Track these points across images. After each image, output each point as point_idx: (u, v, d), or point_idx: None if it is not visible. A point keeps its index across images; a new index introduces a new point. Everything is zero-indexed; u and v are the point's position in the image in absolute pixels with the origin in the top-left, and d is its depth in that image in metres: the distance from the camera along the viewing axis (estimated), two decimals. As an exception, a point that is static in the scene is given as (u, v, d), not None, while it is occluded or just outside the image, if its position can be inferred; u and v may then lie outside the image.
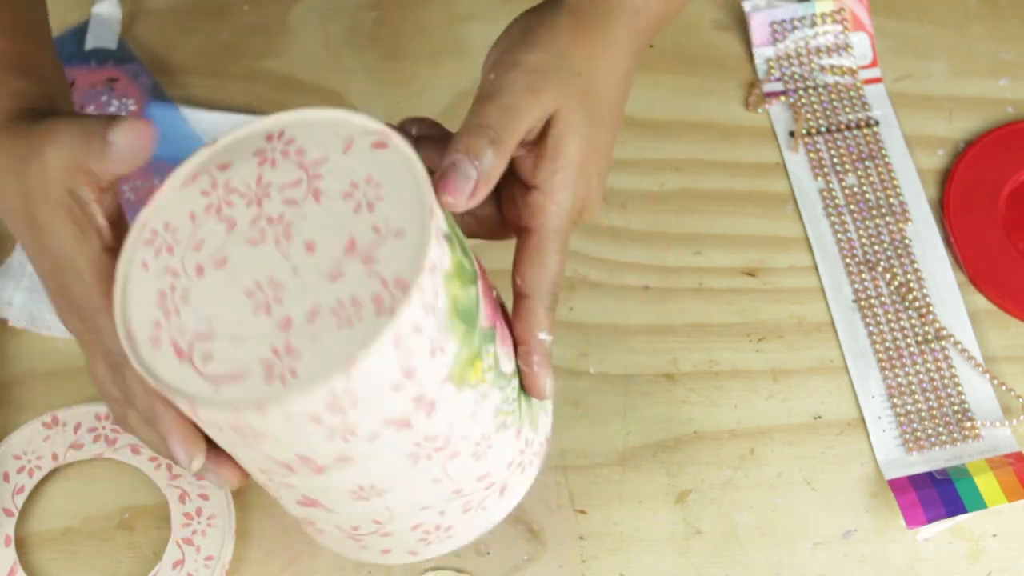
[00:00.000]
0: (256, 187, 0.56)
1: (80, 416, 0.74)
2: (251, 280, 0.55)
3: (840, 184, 0.84)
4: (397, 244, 0.54)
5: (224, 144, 0.57)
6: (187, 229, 0.56)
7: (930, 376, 0.78)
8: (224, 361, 0.54)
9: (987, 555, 0.73)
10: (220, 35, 0.88)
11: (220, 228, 0.56)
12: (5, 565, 0.70)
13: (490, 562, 0.72)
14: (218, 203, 0.56)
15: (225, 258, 0.55)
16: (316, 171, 0.56)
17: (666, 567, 0.72)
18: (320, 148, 0.56)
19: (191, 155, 0.58)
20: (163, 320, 0.56)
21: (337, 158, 0.56)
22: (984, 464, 0.74)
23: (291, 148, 0.56)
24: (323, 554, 0.72)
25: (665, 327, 0.79)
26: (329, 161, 0.56)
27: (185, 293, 0.56)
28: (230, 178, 0.56)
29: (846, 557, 0.73)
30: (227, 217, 0.56)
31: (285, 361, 0.53)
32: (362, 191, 0.55)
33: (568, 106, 0.59)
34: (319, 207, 0.55)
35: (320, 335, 0.53)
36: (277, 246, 0.55)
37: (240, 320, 0.55)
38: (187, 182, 0.57)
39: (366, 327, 0.52)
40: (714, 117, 0.86)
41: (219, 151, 0.57)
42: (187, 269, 0.56)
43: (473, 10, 0.89)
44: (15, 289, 0.78)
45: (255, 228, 0.56)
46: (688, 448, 0.75)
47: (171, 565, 0.70)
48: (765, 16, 0.88)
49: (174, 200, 0.57)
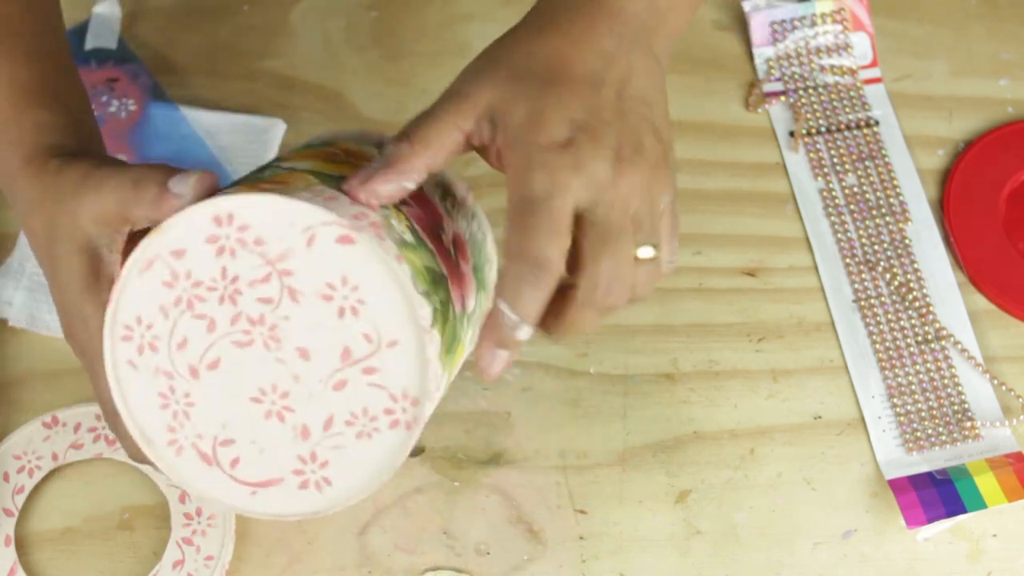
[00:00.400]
0: (223, 281, 0.55)
1: (80, 416, 0.74)
2: (253, 386, 0.56)
3: (840, 184, 0.84)
4: (395, 355, 0.54)
5: (171, 227, 0.55)
6: (162, 324, 0.56)
7: (930, 376, 0.78)
8: (253, 466, 0.56)
9: (987, 555, 0.73)
10: (220, 35, 0.88)
11: (199, 326, 0.55)
12: (5, 565, 0.70)
13: (490, 562, 0.72)
14: (187, 297, 0.55)
15: (217, 361, 0.55)
16: (283, 267, 0.54)
17: (666, 567, 0.72)
18: (280, 240, 0.54)
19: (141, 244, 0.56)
20: (175, 424, 0.57)
21: (302, 253, 0.54)
22: (984, 464, 0.74)
23: (247, 236, 0.54)
24: (323, 554, 0.72)
25: (665, 327, 0.79)
26: (294, 256, 0.54)
27: (188, 396, 0.56)
28: (190, 269, 0.55)
29: (846, 557, 0.73)
30: (202, 314, 0.55)
31: (316, 471, 0.56)
32: (341, 294, 0.54)
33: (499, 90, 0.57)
34: (300, 308, 0.54)
35: (342, 445, 0.55)
36: (268, 351, 0.55)
37: (256, 426, 0.56)
38: (144, 269, 0.55)
39: (385, 439, 0.55)
40: (714, 117, 0.86)
41: (167, 234, 0.55)
42: (179, 370, 0.56)
43: (473, 10, 0.89)
44: (15, 289, 0.78)
45: (238, 329, 0.55)
46: (688, 448, 0.75)
47: (171, 565, 0.70)
48: (765, 16, 0.88)
49: (138, 291, 0.56)
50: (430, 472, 0.74)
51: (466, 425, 0.76)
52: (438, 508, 0.73)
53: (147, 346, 0.56)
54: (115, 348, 0.56)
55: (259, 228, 0.54)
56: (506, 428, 0.75)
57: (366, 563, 0.72)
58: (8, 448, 0.73)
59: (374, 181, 0.56)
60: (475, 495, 0.74)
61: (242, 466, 0.56)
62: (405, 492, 0.74)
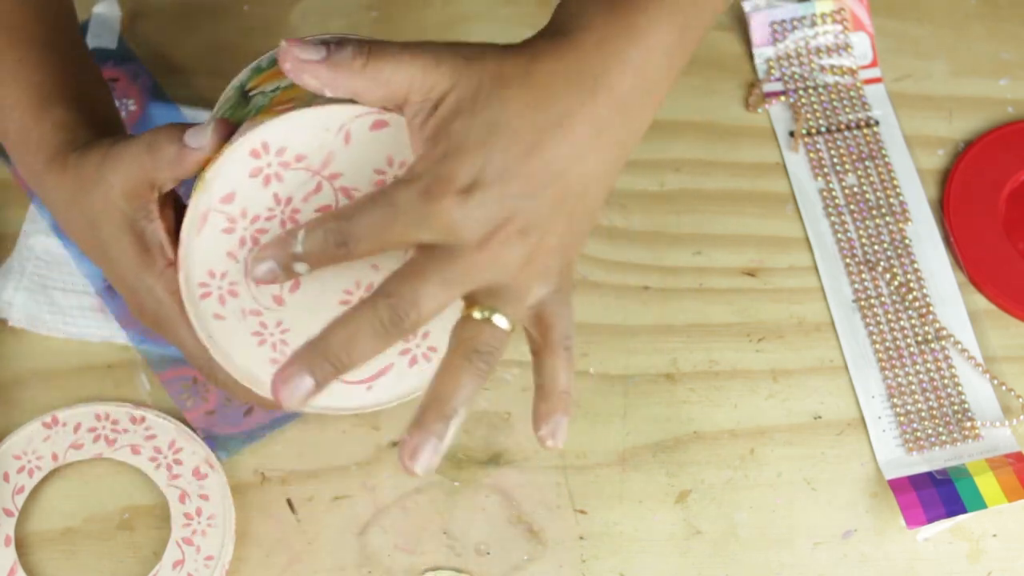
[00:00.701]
0: (279, 207, 0.56)
1: (80, 416, 0.74)
2: (338, 290, 0.57)
3: (840, 184, 0.84)
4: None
5: (211, 177, 0.56)
6: (236, 269, 0.57)
7: (930, 376, 0.78)
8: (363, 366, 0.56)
9: (987, 555, 0.73)
10: (220, 35, 0.88)
11: None
12: (5, 565, 0.70)
13: (490, 562, 0.72)
14: (251, 235, 0.56)
15: (297, 281, 0.57)
16: (329, 171, 0.55)
17: (666, 567, 0.72)
18: (320, 149, 0.55)
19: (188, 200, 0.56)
20: (277, 356, 0.58)
21: (343, 152, 0.55)
22: (984, 464, 0.74)
23: (287, 157, 0.55)
24: (323, 554, 0.72)
25: (665, 327, 0.79)
26: (336, 158, 0.55)
27: (280, 325, 0.58)
28: (244, 208, 0.56)
29: (846, 557, 0.73)
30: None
31: (420, 344, 0.58)
32: (392, 174, 0.55)
33: (459, 95, 0.55)
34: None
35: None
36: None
37: None
38: (201, 226, 0.57)
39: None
40: (714, 117, 0.86)
41: (210, 185, 0.56)
42: (265, 304, 0.57)
43: (473, 10, 0.89)
44: (15, 289, 0.78)
45: None
46: (688, 448, 0.75)
47: (171, 565, 0.70)
48: (765, 16, 0.88)
49: (202, 248, 0.57)
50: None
51: (466, 425, 0.75)
52: (438, 508, 0.73)
53: (227, 294, 0.57)
54: (198, 308, 0.57)
55: (296, 145, 0.55)
56: (506, 428, 0.75)
57: (366, 563, 0.72)
58: (8, 448, 0.73)
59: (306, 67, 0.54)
60: (475, 495, 0.74)
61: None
62: (405, 492, 0.74)
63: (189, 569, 0.70)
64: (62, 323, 0.77)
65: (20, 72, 0.65)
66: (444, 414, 0.55)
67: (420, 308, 0.54)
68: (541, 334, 0.59)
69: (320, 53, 0.54)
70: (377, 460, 0.74)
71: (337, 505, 0.73)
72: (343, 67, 0.54)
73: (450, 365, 0.55)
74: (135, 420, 0.74)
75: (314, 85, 0.54)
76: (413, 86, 0.55)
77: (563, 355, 0.59)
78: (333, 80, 0.54)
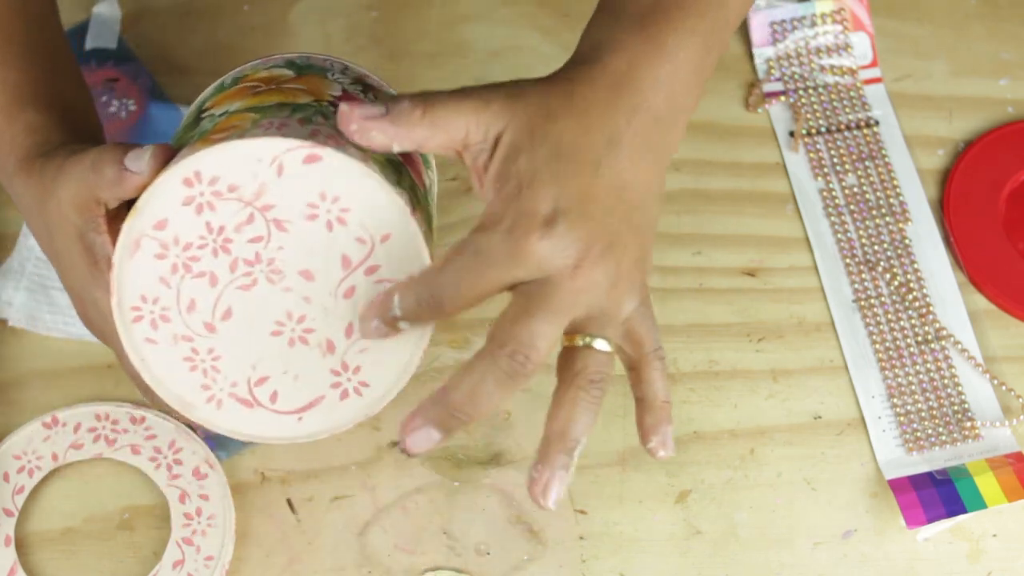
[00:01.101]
0: (211, 236, 0.56)
1: (80, 416, 0.74)
2: (270, 321, 0.57)
3: (840, 184, 0.84)
4: (389, 248, 0.56)
5: (143, 203, 0.56)
6: (168, 294, 0.57)
7: (930, 376, 0.78)
8: (292, 394, 0.58)
9: (987, 555, 0.73)
10: (220, 35, 0.88)
11: (202, 284, 0.57)
12: (5, 565, 0.70)
13: (490, 562, 0.72)
14: (182, 262, 0.57)
15: (228, 310, 0.57)
16: (262, 203, 0.56)
17: (666, 567, 0.72)
18: (252, 180, 0.55)
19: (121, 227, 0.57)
20: (208, 382, 0.59)
21: (276, 184, 0.55)
22: (984, 464, 0.74)
23: (220, 187, 0.56)
24: (323, 554, 0.72)
25: (665, 327, 0.79)
26: (269, 189, 0.56)
27: (212, 351, 0.58)
28: (176, 235, 0.56)
29: (846, 557, 0.73)
30: (201, 272, 0.57)
31: (351, 378, 0.58)
32: (324, 208, 0.56)
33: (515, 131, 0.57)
34: (290, 235, 0.56)
35: (367, 347, 0.57)
36: (273, 284, 0.57)
37: (284, 356, 0.58)
38: (133, 251, 0.57)
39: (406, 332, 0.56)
40: (714, 117, 0.86)
41: (143, 211, 0.56)
42: (196, 331, 0.58)
43: (473, 10, 0.89)
44: (15, 289, 0.78)
45: (239, 275, 0.57)
46: (688, 448, 0.75)
47: (171, 565, 0.70)
48: (765, 16, 0.88)
49: (134, 272, 0.57)
50: (430, 472, 0.74)
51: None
52: (438, 508, 0.73)
53: (159, 319, 0.57)
54: (130, 331, 0.58)
55: (228, 176, 0.55)
56: (506, 428, 0.75)
57: (366, 563, 0.72)
58: (8, 448, 0.73)
59: (372, 125, 0.56)
60: (475, 495, 0.74)
61: (282, 398, 0.58)
62: (405, 492, 0.74)
63: (189, 569, 0.70)
64: (62, 323, 0.77)
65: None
66: (568, 447, 0.57)
67: (538, 349, 0.55)
68: (634, 349, 0.61)
69: (381, 110, 0.56)
70: (377, 460, 0.74)
71: (337, 505, 0.73)
72: (404, 119, 0.56)
73: (566, 398, 0.57)
74: (135, 420, 0.74)
75: (381, 140, 0.56)
76: (469, 128, 0.56)
77: (658, 365, 0.62)
78: (398, 133, 0.56)
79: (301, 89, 0.61)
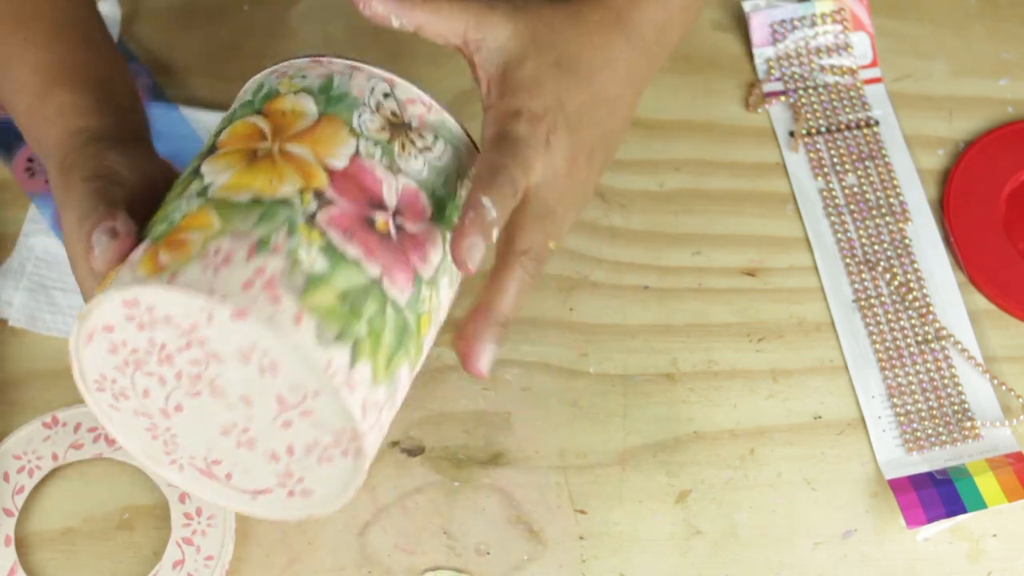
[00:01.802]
0: (154, 348, 0.56)
1: (80, 416, 0.74)
2: (218, 425, 0.58)
3: (840, 184, 0.84)
4: (322, 402, 0.55)
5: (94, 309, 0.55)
6: (123, 379, 0.58)
7: (930, 376, 0.78)
8: (244, 479, 0.59)
9: (987, 555, 0.73)
10: (220, 35, 0.88)
11: (153, 381, 0.57)
12: (5, 565, 0.70)
13: (490, 562, 0.72)
14: (132, 360, 0.57)
15: (180, 405, 0.58)
16: (198, 336, 0.55)
17: (666, 567, 0.72)
18: (185, 315, 0.54)
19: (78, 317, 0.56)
20: (169, 450, 0.60)
21: (206, 327, 0.54)
22: (984, 464, 0.74)
23: (157, 315, 0.55)
24: (323, 554, 0.72)
25: (665, 327, 0.79)
26: (202, 327, 0.54)
27: (169, 430, 0.59)
28: (124, 339, 0.56)
29: (846, 557, 0.73)
30: (150, 373, 0.57)
31: (296, 485, 0.58)
32: (257, 357, 0.55)
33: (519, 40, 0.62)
34: (226, 367, 0.55)
35: (309, 466, 0.57)
36: (216, 400, 0.57)
37: (233, 452, 0.58)
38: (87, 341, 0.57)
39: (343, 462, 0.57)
40: (714, 117, 0.86)
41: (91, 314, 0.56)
42: (152, 413, 0.58)
43: (473, 10, 0.89)
44: (15, 289, 0.78)
45: (185, 383, 0.57)
46: (688, 448, 0.75)
47: (171, 565, 0.70)
48: (765, 16, 0.88)
49: (91, 356, 0.57)
50: (430, 472, 0.74)
51: (466, 425, 0.76)
52: (438, 508, 0.73)
53: (119, 395, 0.58)
54: (93, 397, 0.59)
55: (164, 307, 0.54)
56: (506, 428, 0.75)
57: (366, 563, 0.72)
58: (8, 448, 0.73)
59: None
60: (475, 495, 0.74)
61: (236, 479, 0.59)
62: (405, 492, 0.74)
63: (189, 569, 0.70)
64: (62, 323, 0.77)
65: (26, 52, 0.65)
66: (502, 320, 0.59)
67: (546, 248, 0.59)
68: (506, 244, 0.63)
69: None
70: (377, 460, 0.74)
71: (337, 505, 0.73)
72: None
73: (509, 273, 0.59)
74: (135, 420, 0.74)
75: (381, 11, 0.61)
76: (469, 24, 0.62)
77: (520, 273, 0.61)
78: (399, 8, 0.61)
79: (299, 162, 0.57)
